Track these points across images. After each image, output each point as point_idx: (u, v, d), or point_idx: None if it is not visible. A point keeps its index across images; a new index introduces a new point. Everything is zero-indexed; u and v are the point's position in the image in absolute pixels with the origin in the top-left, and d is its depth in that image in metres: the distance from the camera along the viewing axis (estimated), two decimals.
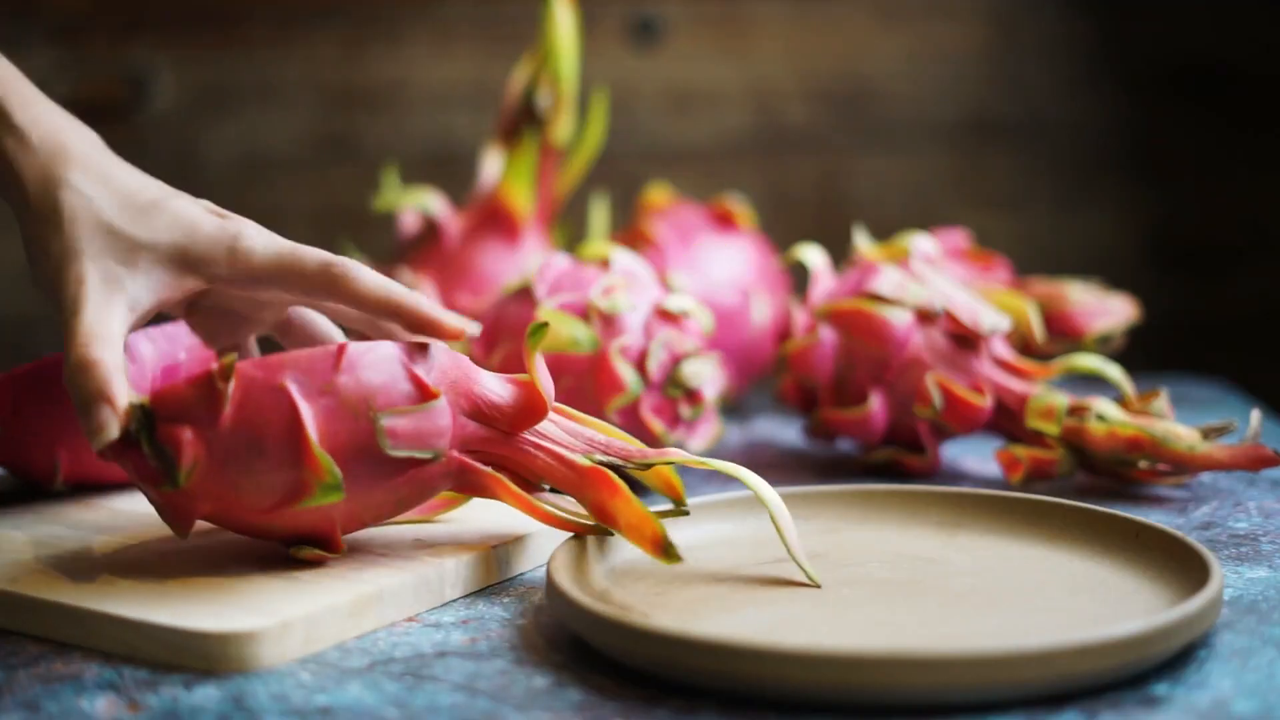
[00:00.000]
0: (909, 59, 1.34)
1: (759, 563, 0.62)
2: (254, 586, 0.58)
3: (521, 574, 0.66)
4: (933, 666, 0.48)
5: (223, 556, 0.62)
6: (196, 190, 0.66)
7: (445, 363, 0.60)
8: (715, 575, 0.61)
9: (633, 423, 0.76)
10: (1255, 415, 0.74)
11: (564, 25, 0.97)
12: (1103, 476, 0.77)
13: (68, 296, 0.60)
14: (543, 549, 0.67)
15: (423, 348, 0.60)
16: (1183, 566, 0.58)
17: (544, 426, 0.62)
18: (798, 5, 1.34)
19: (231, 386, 0.56)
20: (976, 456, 0.86)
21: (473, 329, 0.63)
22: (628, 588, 0.60)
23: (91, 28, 1.30)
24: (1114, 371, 0.79)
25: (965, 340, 0.80)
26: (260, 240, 0.63)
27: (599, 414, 0.76)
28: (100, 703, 0.52)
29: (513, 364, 0.78)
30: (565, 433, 0.62)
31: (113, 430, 0.57)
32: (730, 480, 0.82)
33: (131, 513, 0.70)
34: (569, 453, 0.61)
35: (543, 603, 0.62)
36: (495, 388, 0.62)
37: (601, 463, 0.61)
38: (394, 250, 1.03)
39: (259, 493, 0.57)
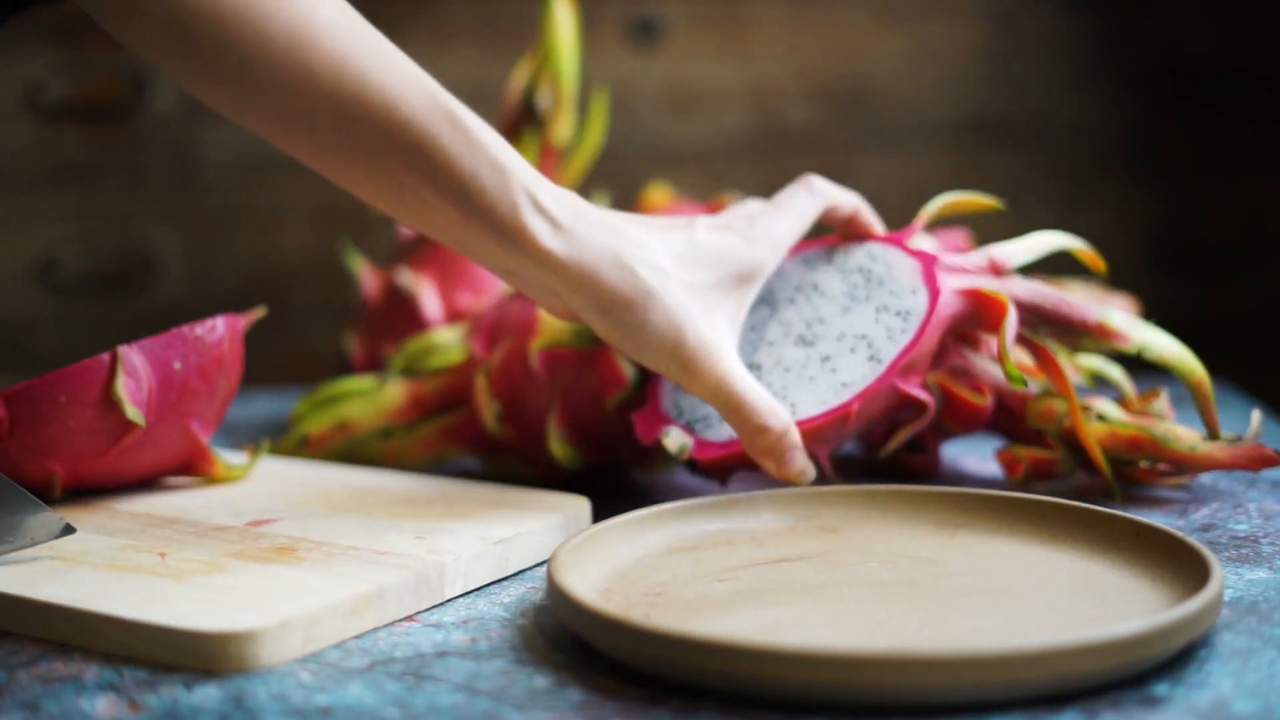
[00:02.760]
0: (909, 59, 1.34)
1: (759, 563, 0.62)
2: (254, 586, 0.58)
3: (522, 572, 0.66)
4: (933, 666, 0.48)
5: (223, 556, 0.62)
6: (196, 190, 0.66)
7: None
8: (715, 575, 0.61)
9: None
10: (1255, 415, 0.74)
11: (564, 25, 0.97)
12: (1103, 477, 0.77)
13: (698, 357, 0.67)
14: (544, 547, 0.67)
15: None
16: (1183, 567, 0.58)
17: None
18: (798, 5, 1.34)
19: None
20: (976, 456, 0.85)
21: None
22: (628, 587, 0.60)
23: (91, 28, 1.30)
24: (1114, 371, 0.79)
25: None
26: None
27: (600, 410, 0.76)
28: (100, 703, 0.51)
29: (512, 363, 0.78)
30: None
31: (812, 472, 0.69)
32: (730, 480, 0.82)
33: (132, 513, 0.70)
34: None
35: (543, 602, 0.62)
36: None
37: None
38: (394, 250, 1.02)
39: None
